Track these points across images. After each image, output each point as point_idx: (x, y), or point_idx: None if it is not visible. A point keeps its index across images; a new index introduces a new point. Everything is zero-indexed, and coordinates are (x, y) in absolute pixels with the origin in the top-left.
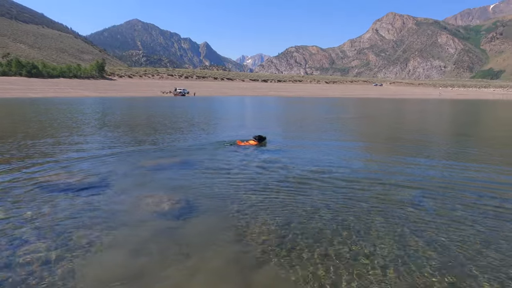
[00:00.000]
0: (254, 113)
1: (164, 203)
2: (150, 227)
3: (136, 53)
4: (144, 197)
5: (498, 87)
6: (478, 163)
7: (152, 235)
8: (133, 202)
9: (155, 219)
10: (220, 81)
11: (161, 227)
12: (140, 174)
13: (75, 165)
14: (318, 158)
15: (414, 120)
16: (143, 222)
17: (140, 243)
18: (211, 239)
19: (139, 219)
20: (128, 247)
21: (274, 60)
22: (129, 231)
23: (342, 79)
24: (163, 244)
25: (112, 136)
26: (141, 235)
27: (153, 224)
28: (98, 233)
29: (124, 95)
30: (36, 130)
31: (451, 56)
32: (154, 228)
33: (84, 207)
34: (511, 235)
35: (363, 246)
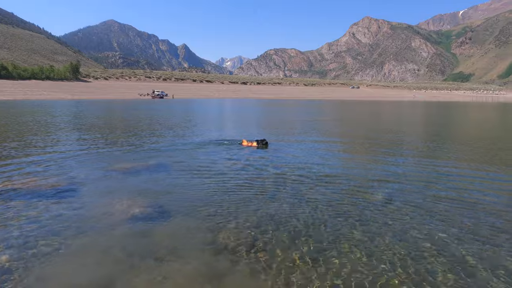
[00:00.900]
0: (235, 116)
1: (135, 208)
2: (120, 232)
3: (112, 54)
4: (114, 202)
5: (468, 90)
6: (448, 160)
7: (121, 240)
8: (103, 207)
9: (125, 224)
10: (199, 84)
11: (131, 232)
12: (111, 178)
13: (43, 169)
14: (297, 159)
15: (390, 122)
16: (113, 227)
17: (109, 249)
18: (182, 244)
19: (109, 225)
20: (96, 254)
21: (254, 62)
22: (97, 237)
23: (321, 82)
24: (133, 250)
25: (84, 139)
26: (110, 241)
27: (123, 230)
28: (65, 240)
29: (100, 97)
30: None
31: (424, 59)
32: (124, 234)
33: (50, 213)
34: (471, 220)
35: (335, 246)
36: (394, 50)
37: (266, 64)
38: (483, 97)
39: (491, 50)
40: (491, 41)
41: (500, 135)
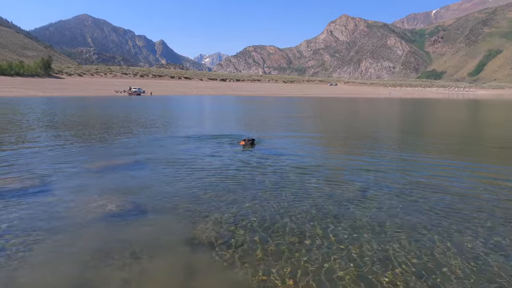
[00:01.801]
0: (215, 113)
1: (111, 204)
2: (95, 229)
3: (86, 50)
4: (89, 199)
5: (441, 87)
6: (421, 152)
7: (96, 238)
8: (77, 204)
9: (101, 221)
10: (177, 80)
11: (107, 229)
12: (86, 176)
13: (15, 167)
14: (277, 152)
15: (367, 118)
16: (88, 224)
17: (83, 247)
18: (159, 240)
19: (83, 222)
20: (70, 252)
21: (233, 59)
22: (71, 234)
23: (299, 79)
24: (108, 247)
25: (57, 137)
26: (85, 238)
27: (98, 226)
28: (37, 238)
29: (74, 94)
30: None
31: (399, 57)
32: (99, 231)
33: (22, 211)
34: (438, 204)
35: (313, 237)
36: (371, 48)
37: (245, 61)
38: (454, 94)
39: (462, 48)
40: (462, 40)
41: (468, 130)
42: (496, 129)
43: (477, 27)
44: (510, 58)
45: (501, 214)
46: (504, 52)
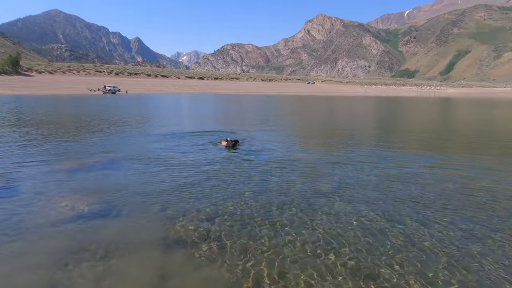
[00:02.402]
0: (192, 111)
1: (83, 205)
2: (65, 230)
3: (58, 47)
4: (59, 200)
5: (413, 85)
6: (393, 147)
7: (66, 239)
8: (47, 205)
9: (71, 222)
10: (154, 78)
11: (77, 230)
12: (56, 175)
13: None
14: (255, 150)
15: (344, 116)
16: (57, 225)
17: (52, 249)
18: (133, 241)
19: (52, 223)
20: (38, 254)
21: (210, 57)
22: (40, 236)
23: (278, 77)
24: (79, 248)
25: (25, 136)
26: (54, 240)
27: (68, 227)
28: (3, 240)
29: (44, 93)
30: None
31: (374, 56)
32: (69, 232)
33: None
34: (404, 192)
35: (289, 230)
36: (347, 47)
37: (224, 59)
38: (426, 92)
39: (433, 48)
40: (433, 40)
41: (437, 127)
42: (464, 126)
43: (447, 28)
44: (478, 58)
45: (461, 201)
46: (472, 52)
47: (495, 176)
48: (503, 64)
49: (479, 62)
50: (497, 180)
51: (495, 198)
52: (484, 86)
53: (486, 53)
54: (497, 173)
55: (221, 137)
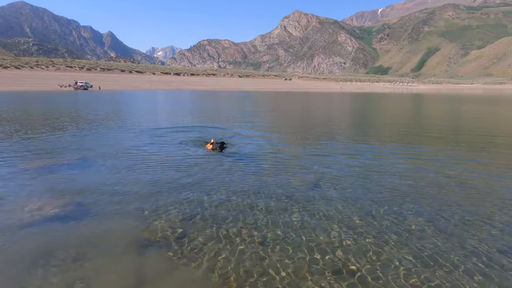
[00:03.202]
0: (171, 107)
1: (52, 207)
2: (34, 234)
3: (24, 40)
4: (27, 202)
5: (387, 82)
6: (368, 140)
7: (36, 243)
8: (13, 208)
9: (41, 225)
10: (128, 74)
11: (47, 234)
12: (23, 176)
13: None
14: (236, 147)
15: (321, 111)
16: (25, 229)
17: (20, 254)
18: (106, 243)
19: (20, 227)
20: (6, 260)
21: (187, 53)
22: (6, 240)
23: (255, 73)
24: (48, 253)
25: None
26: (22, 245)
27: (37, 231)
28: None
29: (10, 89)
30: None
31: (349, 53)
32: (38, 236)
33: None
34: (378, 180)
35: (266, 229)
36: (323, 44)
37: (200, 55)
38: (399, 88)
39: (405, 46)
40: (405, 38)
41: (410, 121)
42: (434, 120)
43: (418, 26)
44: (447, 56)
45: (433, 187)
46: (441, 50)
47: (461, 165)
48: (469, 62)
49: (448, 60)
50: (465, 169)
51: (462, 185)
52: (453, 82)
53: (455, 51)
54: (463, 162)
55: (201, 135)
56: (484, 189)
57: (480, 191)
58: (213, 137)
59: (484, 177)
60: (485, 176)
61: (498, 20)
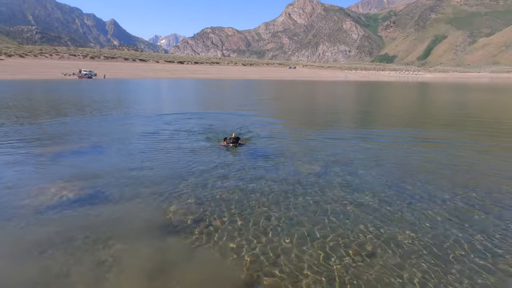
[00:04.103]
0: (175, 95)
1: (67, 191)
2: (53, 218)
3: (28, 28)
4: (44, 187)
5: (392, 70)
6: (377, 126)
7: (55, 227)
8: (30, 193)
9: (59, 209)
10: (132, 62)
11: (66, 218)
12: (37, 163)
13: None
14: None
15: (326, 100)
16: (43, 213)
17: (40, 237)
18: (125, 225)
19: (37, 210)
20: (25, 243)
21: (190, 41)
22: (26, 225)
23: (259, 62)
24: (68, 236)
25: (4, 121)
26: (42, 228)
27: (56, 215)
28: None
29: (15, 77)
30: None
31: (355, 41)
32: (57, 219)
33: None
34: (383, 160)
35: (279, 211)
36: (328, 31)
37: (204, 43)
38: (405, 77)
39: (412, 33)
40: (412, 25)
41: (415, 109)
42: (439, 108)
43: (425, 13)
44: (454, 44)
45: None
46: (449, 38)
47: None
48: (477, 50)
49: (455, 48)
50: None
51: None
52: (459, 71)
53: (462, 39)
54: (468, 146)
55: (213, 121)
56: (490, 171)
57: (486, 173)
58: (224, 128)
59: (489, 160)
60: (490, 158)
61: (508, 6)
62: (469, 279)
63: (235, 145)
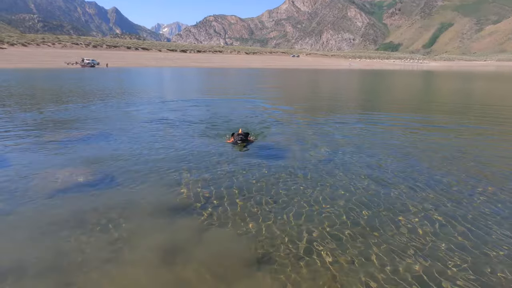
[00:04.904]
0: (179, 84)
1: (79, 176)
2: (64, 201)
3: (29, 17)
4: (53, 172)
5: (397, 59)
6: (381, 111)
7: (67, 209)
8: (42, 178)
9: (70, 192)
10: (134, 51)
11: (77, 200)
12: (47, 149)
13: None
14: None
15: (330, 89)
16: (55, 196)
17: (53, 220)
18: (136, 208)
19: (50, 194)
20: (39, 226)
21: (193, 29)
22: (39, 208)
23: (262, 50)
24: (81, 217)
25: (10, 108)
26: (54, 210)
27: (67, 198)
28: (1, 213)
29: (18, 66)
30: None
31: (359, 29)
32: (69, 202)
33: None
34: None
35: (286, 194)
36: (332, 19)
37: (206, 31)
38: (409, 65)
39: (417, 21)
40: (417, 13)
41: (418, 97)
42: (442, 96)
43: (431, 0)
44: (460, 31)
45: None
46: (455, 26)
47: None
48: (484, 38)
49: (461, 35)
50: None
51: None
52: (465, 59)
53: (469, 26)
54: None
55: (219, 109)
56: (489, 156)
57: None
58: (229, 116)
59: (489, 143)
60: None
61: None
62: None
63: (243, 142)
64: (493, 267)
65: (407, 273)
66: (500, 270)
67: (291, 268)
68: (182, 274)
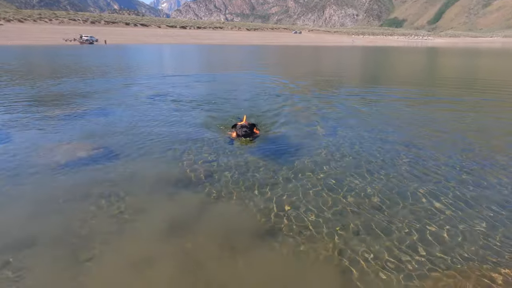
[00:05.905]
0: (180, 61)
1: (82, 150)
2: (68, 175)
3: None
4: (55, 146)
5: (401, 35)
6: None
7: (72, 182)
8: (45, 152)
9: (73, 166)
10: (133, 28)
11: (80, 174)
12: (49, 124)
13: None
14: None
15: (332, 65)
16: (58, 171)
17: (58, 193)
18: (140, 182)
19: (53, 169)
20: (44, 200)
21: (192, 4)
22: (43, 182)
23: (263, 27)
24: (86, 191)
25: (10, 83)
26: (58, 185)
27: (70, 172)
28: (4, 188)
29: (15, 43)
30: None
31: (363, 4)
32: (72, 176)
33: None
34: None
35: (290, 171)
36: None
37: (206, 7)
38: (413, 42)
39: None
40: None
41: (419, 73)
42: (445, 71)
43: None
44: (467, 7)
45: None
46: (461, 0)
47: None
48: (491, 13)
49: (467, 11)
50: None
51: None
52: (471, 36)
53: (476, 1)
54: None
55: (222, 85)
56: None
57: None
58: (231, 91)
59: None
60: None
61: None
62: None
63: (251, 138)
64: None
65: (410, 247)
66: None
67: (297, 240)
68: (188, 246)
